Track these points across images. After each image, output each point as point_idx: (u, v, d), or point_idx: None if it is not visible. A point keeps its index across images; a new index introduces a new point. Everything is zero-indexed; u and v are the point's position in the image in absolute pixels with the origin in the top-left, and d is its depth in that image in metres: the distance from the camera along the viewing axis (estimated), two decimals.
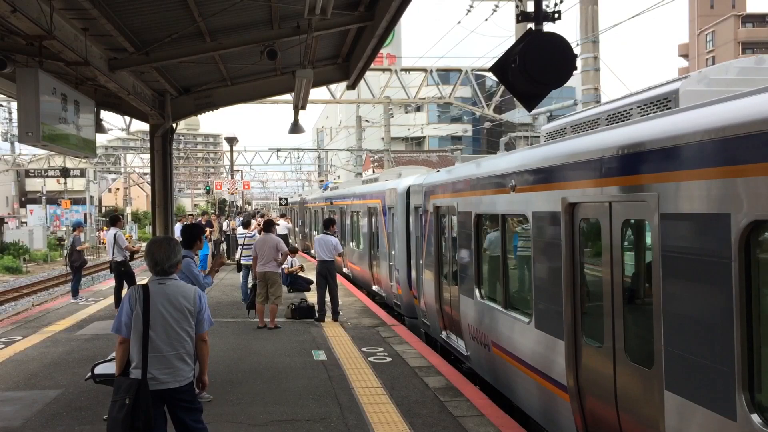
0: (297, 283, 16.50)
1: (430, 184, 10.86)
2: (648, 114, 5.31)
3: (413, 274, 12.54)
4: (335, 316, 12.53)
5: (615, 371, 5.08)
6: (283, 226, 24.02)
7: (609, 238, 5.17)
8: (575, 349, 5.67)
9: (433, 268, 10.49)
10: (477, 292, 8.31)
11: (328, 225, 13.29)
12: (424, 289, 11.21)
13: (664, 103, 5.20)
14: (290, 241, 25.67)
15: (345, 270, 20.84)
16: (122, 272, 13.96)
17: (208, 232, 20.40)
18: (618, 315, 5.07)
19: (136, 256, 15.33)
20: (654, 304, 4.51)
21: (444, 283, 10.09)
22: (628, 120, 5.55)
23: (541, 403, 6.48)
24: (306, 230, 34.43)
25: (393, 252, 14.41)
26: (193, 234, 7.61)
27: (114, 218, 15.11)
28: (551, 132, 7.26)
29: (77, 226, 16.89)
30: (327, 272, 12.56)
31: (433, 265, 10.44)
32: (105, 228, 46.75)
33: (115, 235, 13.90)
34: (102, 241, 38.03)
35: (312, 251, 24.55)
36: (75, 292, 15.85)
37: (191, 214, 31.21)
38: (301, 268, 17.29)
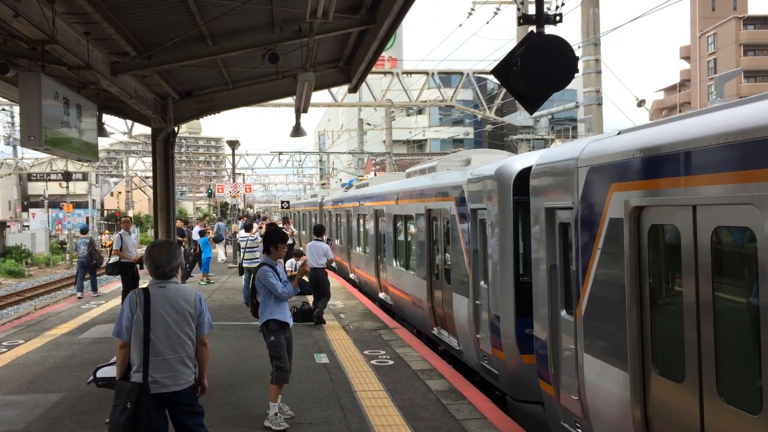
0: (300, 287, 16.46)
1: (611, 160, 5.21)
2: None
3: (541, 333, 6.64)
4: (316, 312, 12.47)
5: None
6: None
7: None
8: None
9: (627, 342, 4.84)
10: None
11: (319, 232, 13.21)
12: (585, 378, 5.53)
13: None
14: (301, 248, 25.48)
15: (382, 295, 15.67)
16: (133, 273, 14.12)
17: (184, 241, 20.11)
18: None
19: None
20: None
21: (683, 390, 4.35)
22: None
23: None
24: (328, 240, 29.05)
25: (482, 284, 8.66)
26: (269, 239, 7.21)
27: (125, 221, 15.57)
28: None
29: (85, 230, 18.98)
30: (317, 280, 12.54)
31: (629, 334, 4.82)
32: (107, 231, 46.88)
33: (121, 238, 14.22)
34: (106, 244, 38.08)
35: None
36: (95, 287, 17.68)
37: (245, 215, 30.13)
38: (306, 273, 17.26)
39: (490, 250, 8.41)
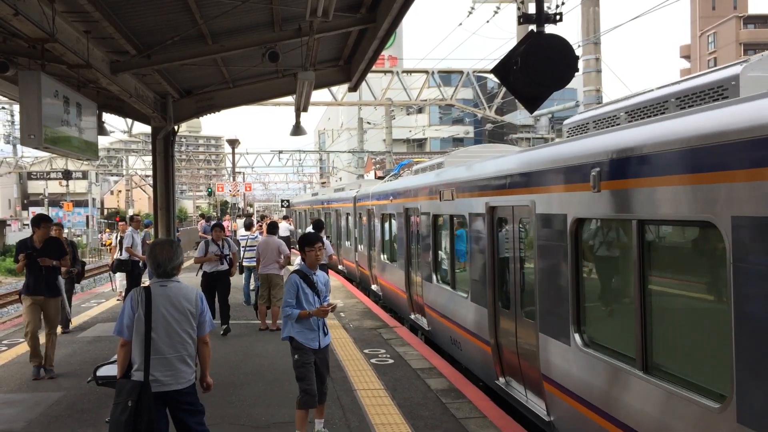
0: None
1: None
2: None
3: None
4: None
5: None
6: (284, 227, 24.08)
7: None
8: None
9: None
10: None
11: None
12: None
13: None
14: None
15: (503, 382, 7.84)
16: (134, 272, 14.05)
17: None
18: None
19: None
20: None
21: None
22: None
23: None
24: (371, 253, 17.56)
25: None
26: (300, 243, 6.47)
27: (131, 218, 15.40)
28: None
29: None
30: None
31: None
32: (107, 230, 46.85)
33: (132, 236, 14.11)
34: (105, 243, 38.18)
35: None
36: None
37: (243, 213, 28.47)
38: None
39: None
